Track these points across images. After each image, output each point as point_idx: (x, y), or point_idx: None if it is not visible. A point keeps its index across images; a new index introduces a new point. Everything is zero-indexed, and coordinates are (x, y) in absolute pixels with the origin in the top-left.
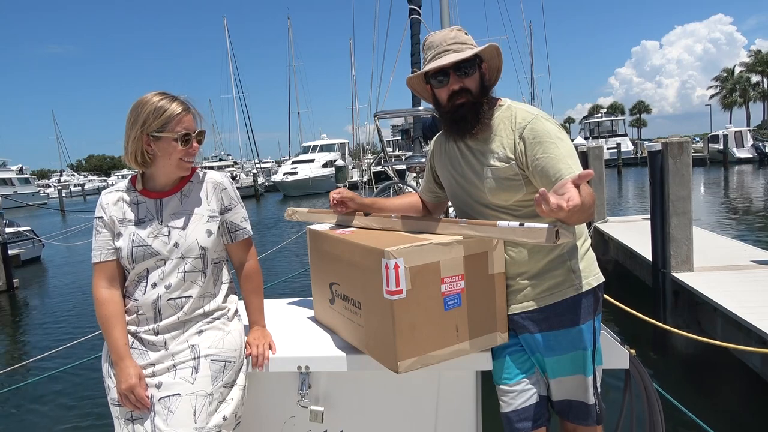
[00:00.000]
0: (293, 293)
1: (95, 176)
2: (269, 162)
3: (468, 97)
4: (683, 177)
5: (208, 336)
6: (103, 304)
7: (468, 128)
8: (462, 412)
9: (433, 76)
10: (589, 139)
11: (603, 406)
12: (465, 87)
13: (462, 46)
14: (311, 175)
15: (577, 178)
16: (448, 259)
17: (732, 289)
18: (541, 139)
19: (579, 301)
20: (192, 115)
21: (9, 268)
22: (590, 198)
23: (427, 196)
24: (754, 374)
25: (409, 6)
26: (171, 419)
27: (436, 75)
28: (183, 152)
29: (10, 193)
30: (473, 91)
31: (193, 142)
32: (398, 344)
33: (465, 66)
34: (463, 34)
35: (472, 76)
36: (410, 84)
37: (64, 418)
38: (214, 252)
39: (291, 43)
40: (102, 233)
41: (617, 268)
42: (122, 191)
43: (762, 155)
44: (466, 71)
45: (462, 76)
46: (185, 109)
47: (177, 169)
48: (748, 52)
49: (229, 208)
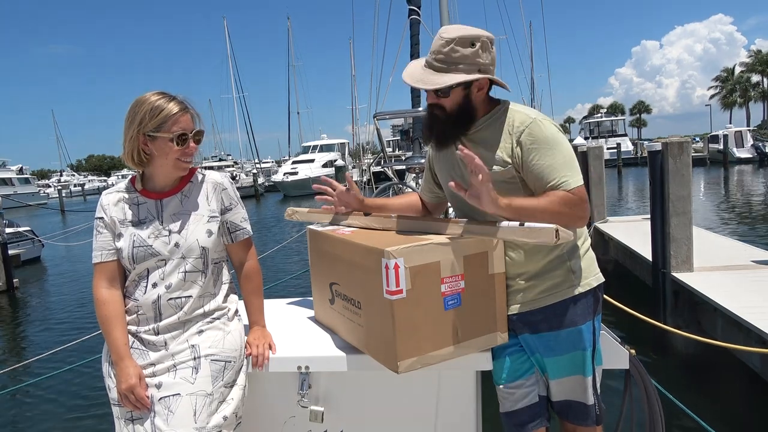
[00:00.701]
0: (293, 293)
1: (95, 176)
2: (269, 162)
3: (441, 113)
4: (683, 177)
5: (209, 336)
6: (104, 304)
7: (426, 138)
8: (462, 412)
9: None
10: (589, 139)
11: (603, 407)
12: (440, 104)
13: (443, 66)
14: (311, 175)
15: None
16: (448, 259)
17: (732, 289)
18: (538, 144)
19: (579, 302)
20: (190, 115)
21: (9, 268)
22: (538, 209)
23: (427, 196)
24: (754, 374)
25: (409, 6)
26: (171, 419)
27: None
28: (179, 152)
29: (10, 193)
30: (447, 109)
31: (190, 142)
32: (398, 344)
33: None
34: (460, 47)
35: (448, 97)
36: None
37: (64, 418)
38: (215, 252)
39: (291, 43)
40: (102, 234)
41: (617, 268)
42: (122, 192)
43: (762, 155)
44: (442, 92)
45: (438, 95)
46: (182, 109)
47: (174, 170)
48: (748, 52)
49: (230, 208)
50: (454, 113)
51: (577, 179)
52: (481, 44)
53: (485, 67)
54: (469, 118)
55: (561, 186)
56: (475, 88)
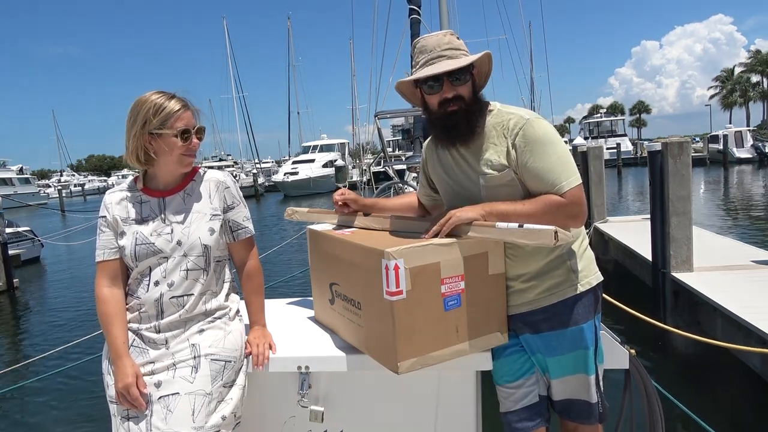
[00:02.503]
0: (293, 293)
1: (95, 176)
2: (269, 162)
3: (461, 104)
4: (683, 177)
5: (209, 335)
6: (104, 302)
7: (460, 136)
8: (462, 412)
9: (425, 81)
10: (588, 139)
11: (606, 404)
12: (458, 94)
13: (456, 52)
14: (312, 175)
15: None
16: (448, 259)
17: (732, 289)
18: (533, 146)
19: (580, 301)
20: (191, 111)
21: (9, 268)
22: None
23: (424, 199)
24: (754, 374)
25: (409, 6)
26: (170, 418)
27: (427, 81)
28: (184, 148)
29: (11, 193)
30: (466, 99)
31: (192, 137)
32: (398, 345)
33: (459, 73)
34: (456, 38)
35: (466, 83)
36: (399, 88)
37: (63, 418)
38: (217, 250)
39: (291, 43)
40: (105, 232)
41: (617, 268)
42: (125, 190)
43: (762, 155)
44: (460, 79)
45: (456, 84)
46: (184, 106)
47: (179, 166)
48: (748, 52)
49: (232, 206)
50: (472, 101)
51: (570, 180)
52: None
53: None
54: (482, 105)
55: (554, 190)
56: (476, 77)
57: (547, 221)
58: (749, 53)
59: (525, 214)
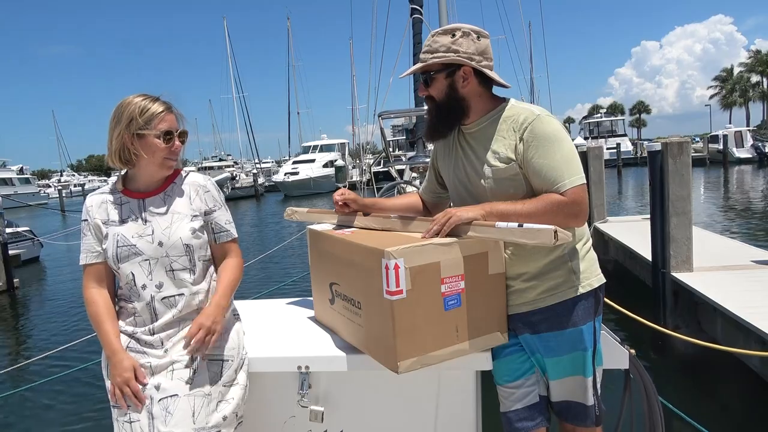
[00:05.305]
0: (293, 293)
1: (95, 176)
2: (269, 162)
3: (431, 104)
4: (683, 177)
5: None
6: (92, 303)
7: (426, 134)
8: (462, 412)
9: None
10: (588, 139)
11: (603, 408)
12: (429, 95)
13: (427, 56)
14: (312, 175)
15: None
16: (448, 259)
17: (732, 289)
18: (538, 142)
19: (580, 302)
20: (174, 115)
21: (9, 268)
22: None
23: (428, 195)
24: (754, 374)
25: (411, 5)
26: (170, 420)
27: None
28: (166, 150)
29: (11, 193)
30: (436, 100)
31: (175, 140)
32: (398, 344)
33: (427, 75)
34: (441, 37)
35: (434, 85)
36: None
37: (63, 419)
38: (200, 249)
39: (291, 43)
40: (87, 236)
41: (617, 268)
42: (106, 193)
43: (762, 155)
44: (428, 81)
45: (426, 85)
46: (167, 109)
47: (160, 168)
48: (748, 52)
49: (213, 210)
50: (443, 103)
51: (574, 179)
52: (462, 33)
53: (467, 55)
54: (459, 109)
55: (555, 188)
56: (460, 78)
57: (547, 220)
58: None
59: (525, 214)
